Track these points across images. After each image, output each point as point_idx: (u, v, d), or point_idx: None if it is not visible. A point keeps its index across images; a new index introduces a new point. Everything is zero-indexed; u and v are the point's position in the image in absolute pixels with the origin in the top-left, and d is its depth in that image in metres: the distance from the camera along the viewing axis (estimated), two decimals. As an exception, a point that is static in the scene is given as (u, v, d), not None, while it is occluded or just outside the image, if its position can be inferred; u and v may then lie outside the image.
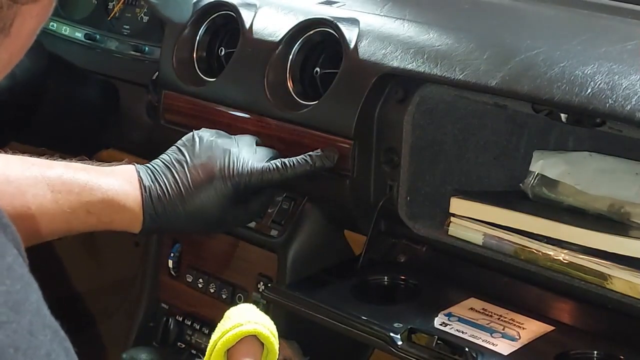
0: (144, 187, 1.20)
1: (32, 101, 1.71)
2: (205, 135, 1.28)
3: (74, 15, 1.80)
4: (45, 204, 1.12)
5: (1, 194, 1.09)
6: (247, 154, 1.27)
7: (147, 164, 1.24)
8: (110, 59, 1.72)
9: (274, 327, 1.02)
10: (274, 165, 1.26)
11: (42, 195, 1.12)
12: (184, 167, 1.23)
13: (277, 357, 1.02)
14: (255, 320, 1.01)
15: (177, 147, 1.27)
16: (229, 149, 1.26)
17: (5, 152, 1.18)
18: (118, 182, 1.19)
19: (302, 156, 1.29)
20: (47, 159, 1.19)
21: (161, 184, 1.21)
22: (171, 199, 1.20)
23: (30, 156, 1.18)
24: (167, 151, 1.27)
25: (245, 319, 1.01)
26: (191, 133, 1.29)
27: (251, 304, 1.04)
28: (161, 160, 1.24)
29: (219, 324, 1.01)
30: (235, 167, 1.24)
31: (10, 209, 1.08)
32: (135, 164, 1.23)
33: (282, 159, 1.28)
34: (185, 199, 1.21)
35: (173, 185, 1.21)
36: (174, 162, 1.23)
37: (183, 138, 1.29)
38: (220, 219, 1.24)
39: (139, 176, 1.21)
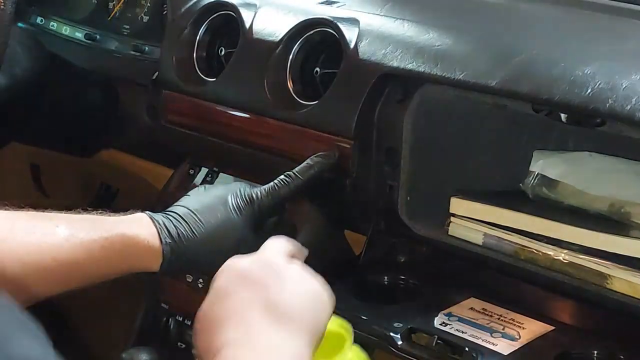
0: (158, 225, 1.15)
1: (32, 101, 1.71)
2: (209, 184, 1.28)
3: (74, 15, 1.80)
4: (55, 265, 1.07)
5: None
6: (250, 185, 1.26)
7: (159, 212, 1.19)
8: (110, 59, 1.72)
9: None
10: (281, 182, 1.26)
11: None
12: (198, 206, 1.20)
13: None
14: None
15: (187, 195, 1.25)
16: (237, 183, 1.26)
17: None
18: (133, 227, 1.14)
19: (303, 164, 1.29)
20: (50, 211, 1.13)
21: (175, 224, 1.16)
22: (188, 238, 1.16)
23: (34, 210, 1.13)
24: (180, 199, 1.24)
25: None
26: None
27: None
28: (173, 206, 1.21)
29: None
30: (247, 194, 1.23)
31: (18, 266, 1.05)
32: (146, 212, 1.19)
33: (286, 173, 1.27)
34: (204, 237, 1.17)
35: (190, 224, 1.17)
36: (187, 202, 1.21)
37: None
38: (240, 249, 1.21)
39: (152, 220, 1.16)
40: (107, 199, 1.90)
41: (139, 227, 1.14)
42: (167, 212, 1.19)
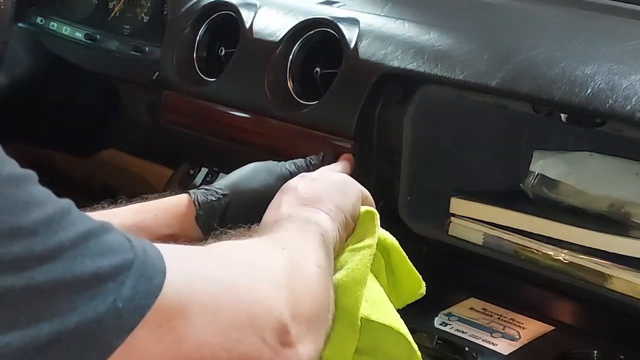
0: (197, 199, 1.14)
1: (32, 101, 1.71)
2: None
3: (74, 15, 1.80)
4: None
5: None
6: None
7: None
8: (110, 59, 1.72)
9: None
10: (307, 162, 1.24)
11: None
12: (237, 179, 1.18)
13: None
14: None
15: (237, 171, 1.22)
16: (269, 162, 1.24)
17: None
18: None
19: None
20: None
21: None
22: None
23: None
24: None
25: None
26: None
27: None
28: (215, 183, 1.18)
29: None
30: (285, 168, 1.21)
31: None
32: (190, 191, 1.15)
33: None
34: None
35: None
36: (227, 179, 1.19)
37: None
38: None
39: (190, 195, 1.13)
40: (107, 199, 1.90)
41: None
42: (208, 192, 1.17)
